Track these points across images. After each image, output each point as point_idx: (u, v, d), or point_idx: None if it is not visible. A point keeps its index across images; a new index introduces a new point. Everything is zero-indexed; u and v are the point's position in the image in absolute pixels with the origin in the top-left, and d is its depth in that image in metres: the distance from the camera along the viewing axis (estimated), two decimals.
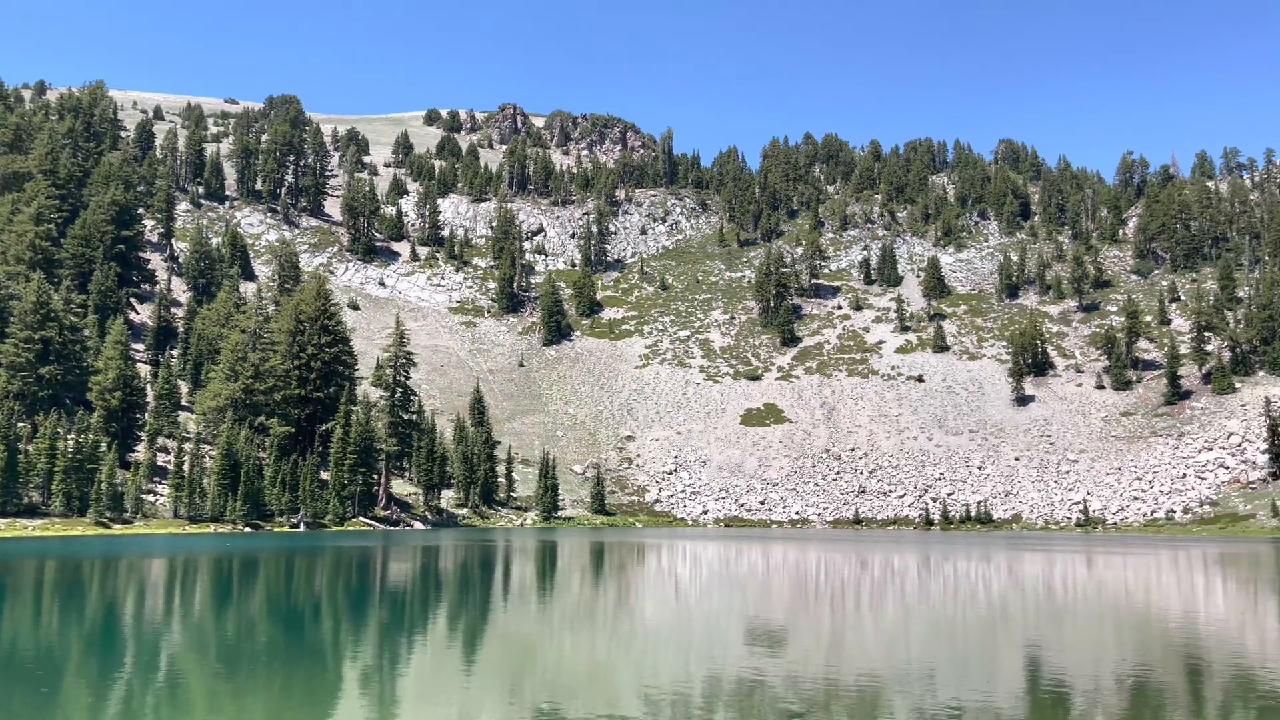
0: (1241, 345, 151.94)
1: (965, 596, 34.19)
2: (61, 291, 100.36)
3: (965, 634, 24.15)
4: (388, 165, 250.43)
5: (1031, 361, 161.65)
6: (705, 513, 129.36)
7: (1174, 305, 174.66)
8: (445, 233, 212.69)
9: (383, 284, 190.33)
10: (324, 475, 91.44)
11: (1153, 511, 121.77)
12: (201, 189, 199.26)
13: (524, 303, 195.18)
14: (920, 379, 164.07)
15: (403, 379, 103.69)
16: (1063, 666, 18.95)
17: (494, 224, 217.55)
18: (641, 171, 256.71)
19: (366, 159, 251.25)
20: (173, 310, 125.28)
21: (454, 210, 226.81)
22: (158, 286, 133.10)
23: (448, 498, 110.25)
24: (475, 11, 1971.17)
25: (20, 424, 77.25)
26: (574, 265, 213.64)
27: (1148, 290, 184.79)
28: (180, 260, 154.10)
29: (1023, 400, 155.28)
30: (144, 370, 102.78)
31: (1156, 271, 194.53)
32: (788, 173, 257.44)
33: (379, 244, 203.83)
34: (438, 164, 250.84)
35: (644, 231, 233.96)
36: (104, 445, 78.52)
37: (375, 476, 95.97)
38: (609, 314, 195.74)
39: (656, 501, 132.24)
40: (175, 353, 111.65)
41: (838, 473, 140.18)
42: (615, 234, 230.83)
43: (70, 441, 75.99)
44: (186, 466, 79.88)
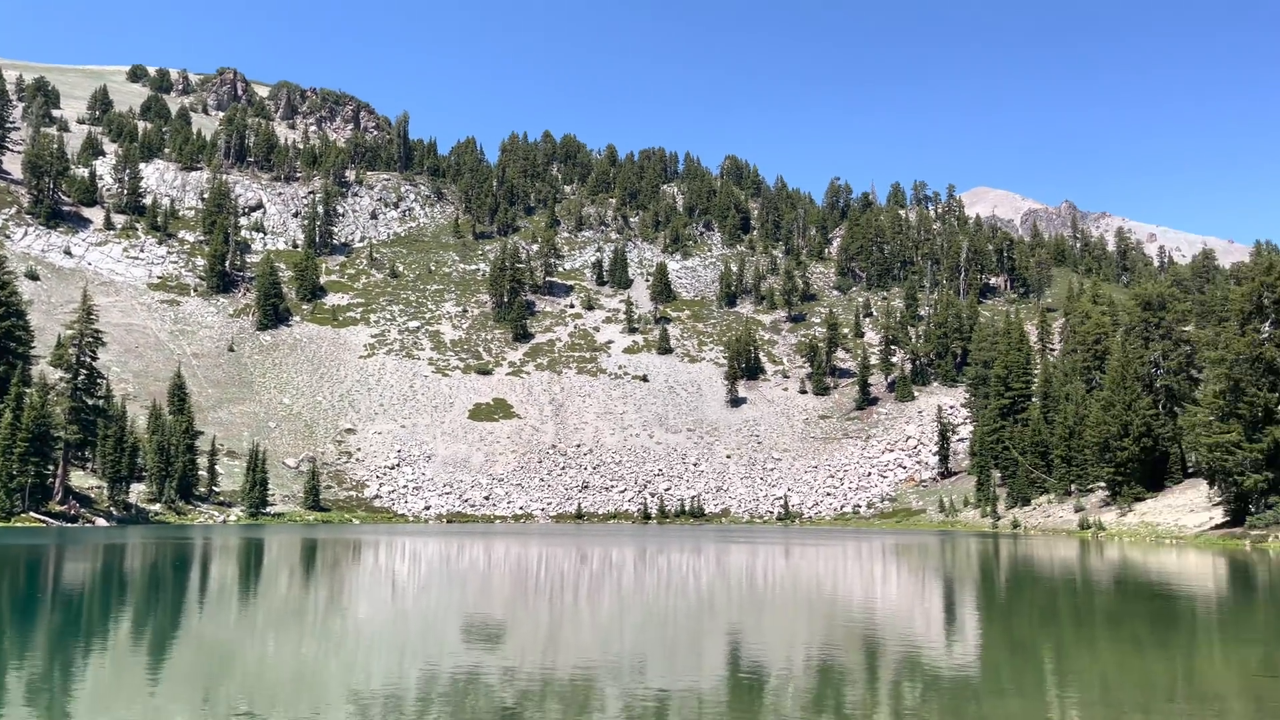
0: (921, 358, 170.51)
1: (677, 587, 35.77)
2: None
3: (675, 624, 25.22)
4: (82, 122, 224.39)
5: (745, 366, 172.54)
6: (428, 508, 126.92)
7: (868, 320, 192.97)
8: (147, 201, 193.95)
9: (69, 253, 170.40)
10: None
11: (842, 506, 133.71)
12: None
13: (237, 283, 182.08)
14: (645, 379, 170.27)
15: (89, 359, 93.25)
16: (761, 651, 20.25)
17: (206, 196, 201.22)
18: (375, 154, 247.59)
19: (56, 113, 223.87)
20: None
21: (159, 177, 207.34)
22: None
23: (139, 492, 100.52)
24: None
25: None
26: (296, 246, 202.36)
27: (847, 305, 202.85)
28: None
29: (736, 402, 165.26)
30: None
31: (855, 288, 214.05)
32: (526, 169, 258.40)
33: (67, 209, 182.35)
34: (142, 125, 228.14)
35: (375, 216, 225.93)
36: None
37: (51, 467, 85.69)
38: (333, 300, 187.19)
39: (376, 497, 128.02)
40: None
41: (563, 468, 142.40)
42: (343, 216, 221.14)
43: None
44: None
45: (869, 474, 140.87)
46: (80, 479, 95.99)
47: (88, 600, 29.42)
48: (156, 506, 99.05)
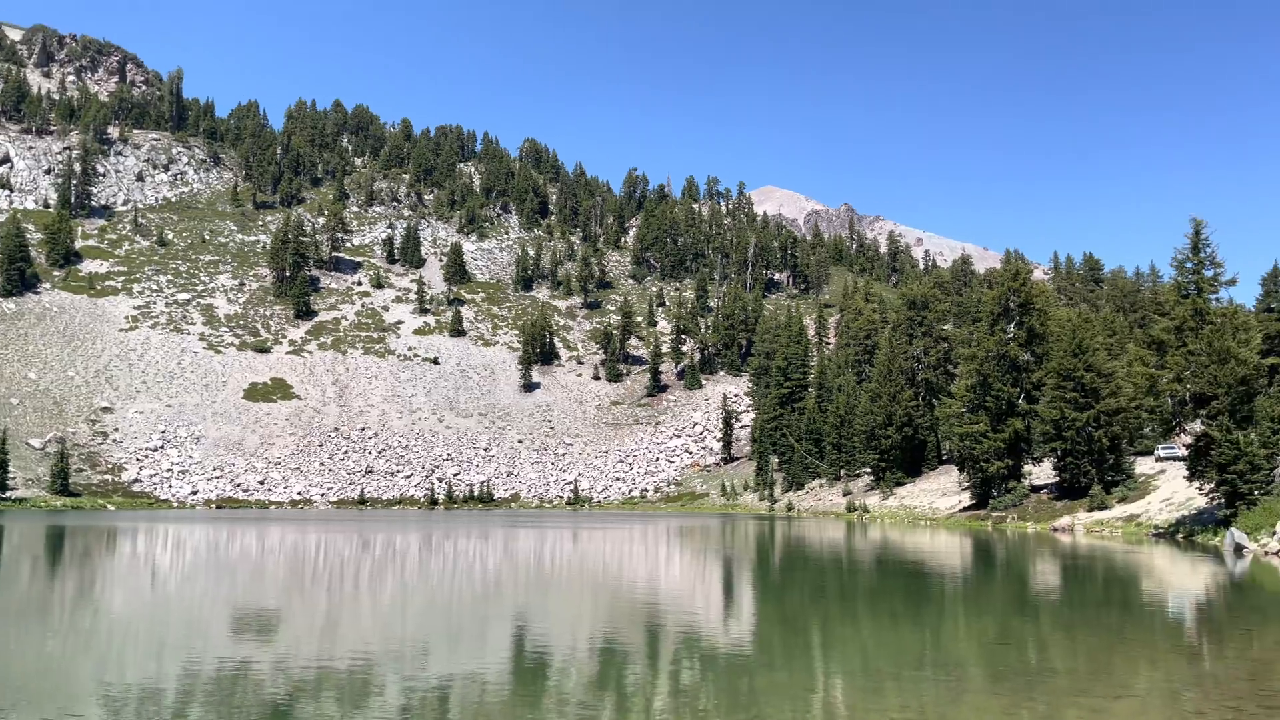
0: (709, 348, 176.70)
1: (463, 573, 35.36)
2: None
3: (460, 609, 24.94)
4: None
5: (540, 351, 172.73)
6: (195, 493, 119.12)
7: (660, 309, 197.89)
8: None
9: None
10: None
11: (631, 491, 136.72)
12: None
13: None
14: (436, 361, 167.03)
15: None
16: (545, 634, 20.37)
17: None
18: (143, 111, 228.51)
19: None
20: None
21: None
22: None
23: None
24: None
25: None
26: (48, 206, 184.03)
27: (641, 294, 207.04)
28: None
29: (529, 387, 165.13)
30: None
31: (649, 278, 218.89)
32: (314, 138, 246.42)
33: None
34: None
35: (141, 178, 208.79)
36: None
37: None
38: (90, 267, 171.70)
39: (136, 481, 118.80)
40: None
41: (346, 452, 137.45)
42: (105, 177, 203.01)
43: None
44: None
45: (657, 459, 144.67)
46: None
47: None
48: None
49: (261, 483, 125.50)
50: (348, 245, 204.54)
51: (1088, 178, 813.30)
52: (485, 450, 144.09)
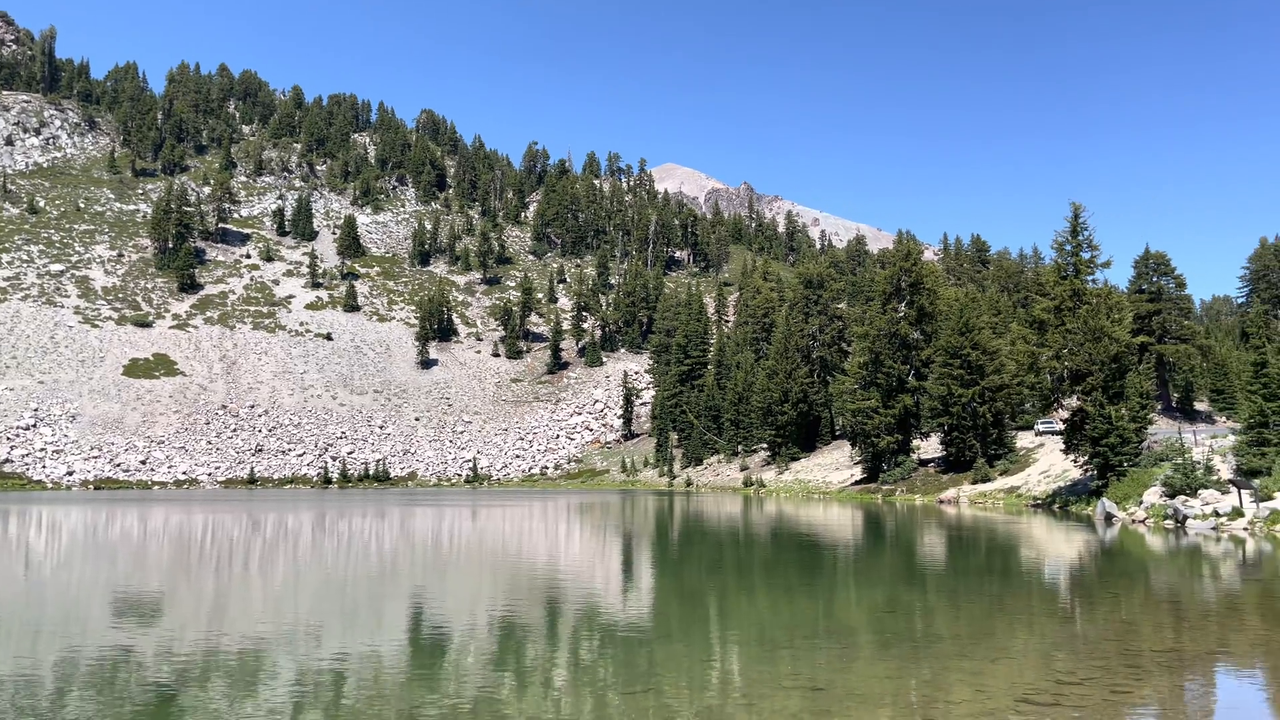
0: (610, 325, 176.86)
1: (358, 552, 34.70)
2: None
3: (355, 589, 24.49)
4: None
5: (438, 327, 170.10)
6: (71, 474, 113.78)
7: (561, 286, 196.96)
8: None
9: None
10: None
11: (531, 468, 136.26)
12: None
13: None
14: (329, 337, 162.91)
15: None
16: (443, 612, 20.18)
17: None
18: (12, 70, 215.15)
19: None
20: None
21: None
22: None
23: None
24: None
25: None
26: None
27: (542, 270, 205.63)
28: None
29: (427, 364, 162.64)
30: None
31: (550, 254, 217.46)
32: (198, 104, 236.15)
33: None
34: None
35: (11, 142, 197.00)
36: None
37: None
38: None
39: (7, 461, 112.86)
40: None
41: (234, 430, 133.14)
42: None
43: None
44: None
45: (558, 436, 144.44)
46: None
47: None
48: None
49: (143, 462, 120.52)
50: (235, 216, 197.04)
51: (977, 163, 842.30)
52: (381, 428, 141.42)
